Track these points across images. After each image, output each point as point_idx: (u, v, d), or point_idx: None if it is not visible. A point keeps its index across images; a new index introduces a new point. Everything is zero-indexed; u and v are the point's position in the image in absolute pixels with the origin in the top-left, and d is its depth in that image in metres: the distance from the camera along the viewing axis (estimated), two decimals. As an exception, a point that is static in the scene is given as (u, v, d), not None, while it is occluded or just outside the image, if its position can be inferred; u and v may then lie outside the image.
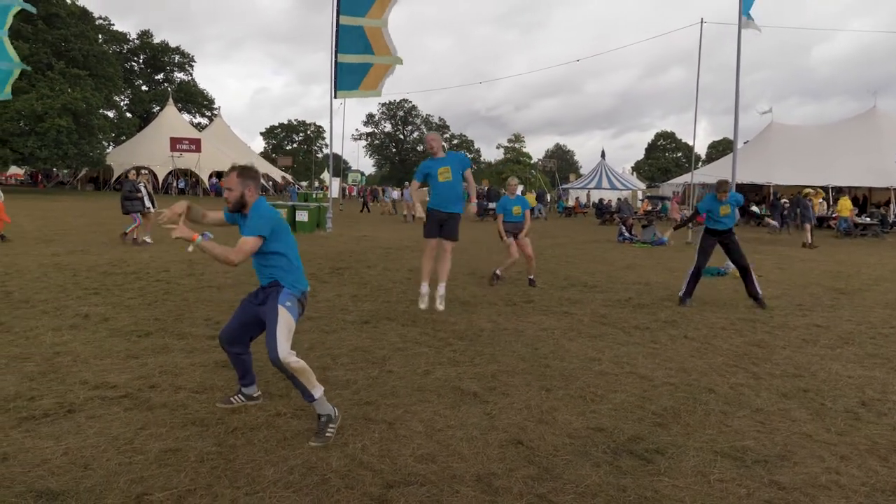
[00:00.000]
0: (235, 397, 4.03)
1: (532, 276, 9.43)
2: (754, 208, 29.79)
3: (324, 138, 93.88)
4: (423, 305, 6.86)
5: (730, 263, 10.97)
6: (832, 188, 28.83)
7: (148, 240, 13.55)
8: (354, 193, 59.31)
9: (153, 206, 14.04)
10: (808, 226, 18.54)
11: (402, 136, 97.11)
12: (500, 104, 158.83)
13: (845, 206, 23.23)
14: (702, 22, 17.93)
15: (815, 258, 14.55)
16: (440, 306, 6.86)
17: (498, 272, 9.48)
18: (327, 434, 3.52)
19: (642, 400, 4.30)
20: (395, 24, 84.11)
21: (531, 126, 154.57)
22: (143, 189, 14.04)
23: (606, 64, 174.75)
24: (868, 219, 23.70)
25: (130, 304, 6.97)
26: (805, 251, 16.41)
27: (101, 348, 5.16)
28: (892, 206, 27.64)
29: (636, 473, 3.18)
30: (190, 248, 3.49)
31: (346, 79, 18.50)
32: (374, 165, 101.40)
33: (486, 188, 34.33)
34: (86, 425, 3.60)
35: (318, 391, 3.59)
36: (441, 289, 6.92)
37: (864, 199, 31.06)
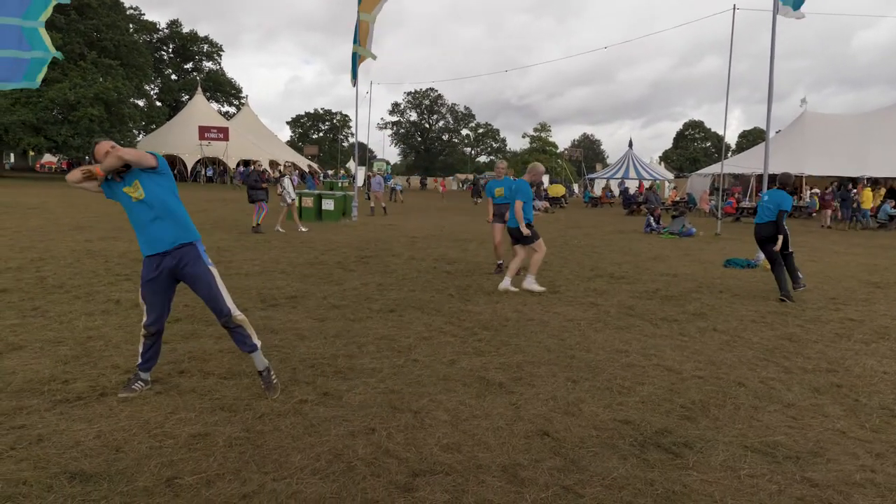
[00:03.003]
0: (137, 384, 3.95)
1: (501, 262, 9.37)
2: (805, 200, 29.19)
3: (350, 127, 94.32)
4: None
5: (760, 255, 10.76)
6: (867, 179, 28.09)
7: (302, 228, 14.68)
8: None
9: (294, 198, 15.13)
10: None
11: (427, 125, 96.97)
12: (532, 93, 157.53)
13: (868, 197, 22.66)
14: (734, 9, 17.50)
15: (850, 251, 14.20)
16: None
17: (501, 262, 9.43)
18: (274, 382, 3.98)
19: (670, 393, 4.24)
20: (426, 11, 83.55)
21: (561, 115, 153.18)
22: (286, 181, 14.84)
23: (640, 52, 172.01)
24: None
25: (160, 291, 7.06)
26: (836, 243, 16.02)
27: (133, 333, 5.25)
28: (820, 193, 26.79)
29: (664, 467, 3.14)
30: (92, 175, 3.77)
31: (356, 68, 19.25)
32: (399, 154, 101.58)
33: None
34: (118, 409, 3.67)
35: (258, 340, 4.01)
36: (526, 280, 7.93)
37: (840, 188, 30.20)
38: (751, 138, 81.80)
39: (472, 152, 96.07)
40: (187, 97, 62.17)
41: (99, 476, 2.87)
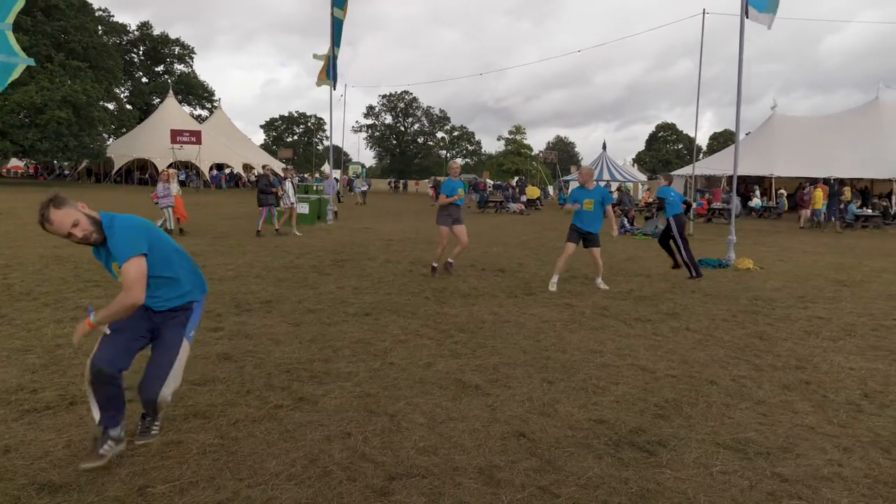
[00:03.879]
0: (106, 445, 3.01)
1: (452, 261, 9.41)
2: (755, 201, 29.80)
3: (324, 130, 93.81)
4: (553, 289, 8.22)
5: (732, 255, 10.96)
6: (834, 180, 28.76)
7: (297, 232, 14.89)
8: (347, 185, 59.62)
9: (295, 202, 15.42)
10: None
11: (402, 128, 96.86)
12: (509, 95, 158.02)
13: (818, 197, 23.23)
14: (704, 13, 17.80)
15: (817, 250, 14.52)
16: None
17: (435, 264, 9.24)
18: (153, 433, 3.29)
19: (644, 392, 4.30)
20: (404, 13, 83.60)
21: (537, 118, 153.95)
22: (288, 185, 15.14)
23: (615, 56, 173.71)
24: (870, 210, 23.64)
25: (132, 297, 6.95)
26: (805, 243, 16.37)
27: (103, 341, 5.15)
28: (894, 198, 27.53)
29: (638, 465, 3.18)
30: (87, 331, 2.93)
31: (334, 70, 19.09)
32: (374, 157, 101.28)
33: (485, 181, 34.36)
34: (87, 417, 3.58)
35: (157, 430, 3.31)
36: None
37: (865, 191, 30.95)
38: (721, 140, 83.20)
39: (448, 155, 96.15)
40: (158, 100, 61.25)
41: (68, 486, 2.81)
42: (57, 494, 2.75)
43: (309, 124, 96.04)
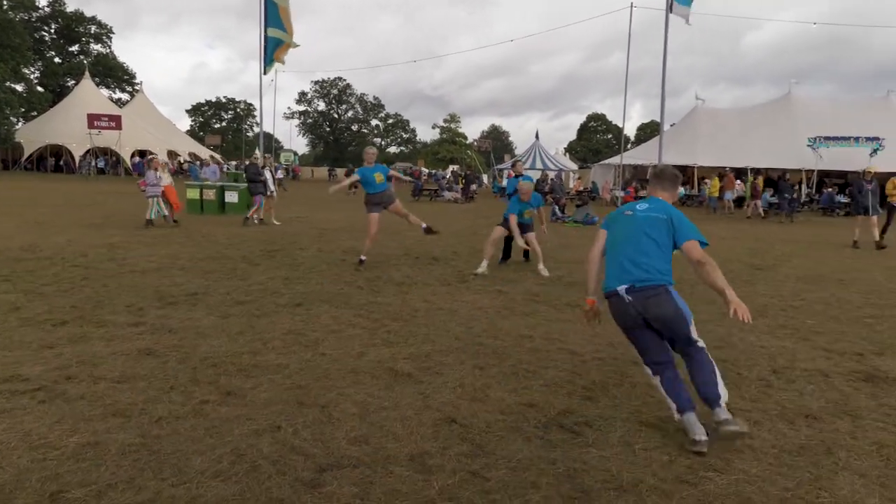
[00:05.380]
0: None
1: (363, 258, 8.91)
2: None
3: (254, 116, 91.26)
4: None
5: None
6: (751, 170, 30.28)
7: (276, 222, 14.63)
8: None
9: (274, 191, 15.29)
10: (873, 218, 13.09)
11: (336, 115, 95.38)
12: (445, 83, 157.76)
13: (715, 186, 24.55)
14: (631, 6, 18.32)
15: (735, 236, 15.27)
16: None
17: (363, 257, 8.90)
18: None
19: (572, 375, 4.41)
20: (343, 1, 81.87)
21: (473, 107, 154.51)
22: (267, 173, 14.94)
23: (550, 46, 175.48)
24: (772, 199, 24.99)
25: (44, 292, 6.59)
26: (724, 229, 17.18)
27: (12, 339, 4.86)
28: (803, 186, 29.23)
29: (566, 446, 3.27)
30: None
31: (272, 53, 18.33)
32: (307, 145, 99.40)
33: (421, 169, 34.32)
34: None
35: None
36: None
37: (779, 180, 32.73)
38: (648, 131, 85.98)
39: (382, 143, 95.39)
40: (74, 82, 57.87)
41: (-27, 494, 2.64)
42: (-40, 503, 2.58)
43: (238, 110, 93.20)
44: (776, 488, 2.86)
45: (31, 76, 57.32)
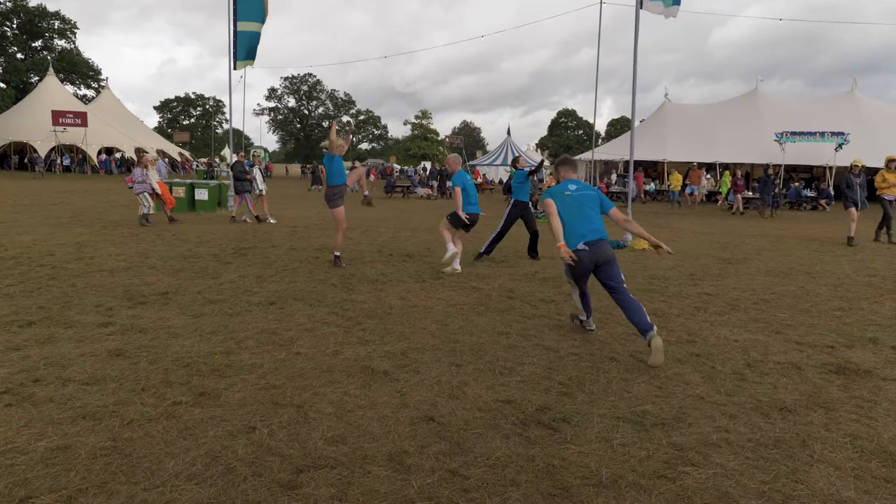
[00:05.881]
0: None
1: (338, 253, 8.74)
2: (651, 185, 31.31)
3: (224, 113, 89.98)
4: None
5: (629, 236, 11.50)
6: (719, 164, 30.78)
7: (272, 220, 14.65)
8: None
9: (264, 189, 15.16)
10: (852, 210, 13.03)
11: (306, 112, 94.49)
12: (417, 80, 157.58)
13: (676, 180, 24.99)
14: (601, 2, 18.45)
15: (706, 230, 15.50)
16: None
17: (338, 253, 8.71)
18: None
19: (549, 371, 4.42)
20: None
21: (446, 103, 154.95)
22: (256, 171, 14.92)
23: (522, 43, 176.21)
24: (750, 193, 25.48)
25: (10, 292, 6.40)
26: (695, 223, 17.42)
27: (-25, 341, 4.71)
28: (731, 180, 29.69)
29: (544, 443, 3.27)
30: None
31: (246, 49, 17.79)
32: (278, 142, 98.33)
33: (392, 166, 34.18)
34: None
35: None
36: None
37: (746, 175, 33.33)
38: (619, 126, 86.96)
39: (354, 139, 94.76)
40: (37, 79, 56.37)
41: (-66, 504, 2.55)
42: (-79, 513, 2.48)
43: (207, 107, 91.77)
44: (753, 482, 2.89)
45: (-8, 72, 55.71)
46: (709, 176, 30.96)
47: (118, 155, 47.95)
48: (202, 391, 3.86)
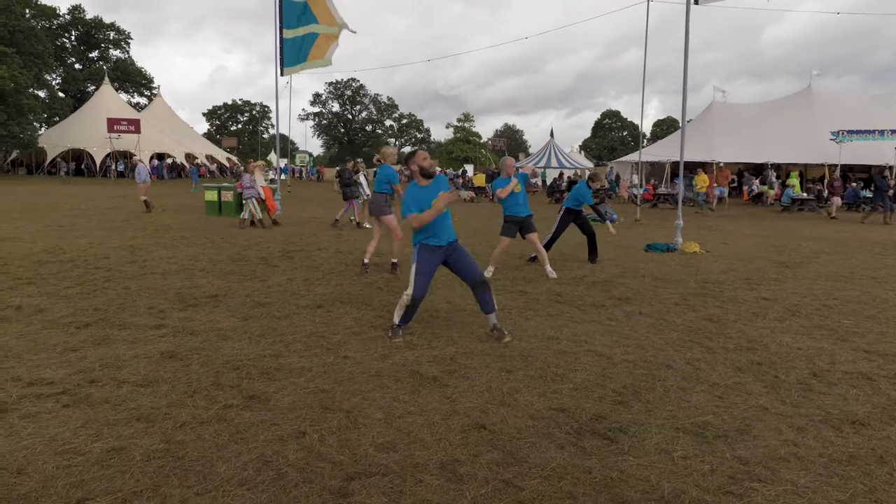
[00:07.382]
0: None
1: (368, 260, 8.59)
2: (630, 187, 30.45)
3: (269, 118, 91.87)
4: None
5: (679, 239, 11.18)
6: (771, 165, 29.80)
7: (367, 225, 14.49)
8: (302, 174, 58.34)
9: (368, 194, 14.96)
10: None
11: (350, 116, 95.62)
12: (462, 83, 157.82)
13: (702, 181, 24.03)
14: (648, 1, 18.05)
15: (758, 234, 14.99)
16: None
17: (395, 259, 8.59)
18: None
19: (602, 378, 4.29)
20: (357, 2, 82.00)
21: (489, 106, 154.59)
22: (361, 177, 15.10)
23: (567, 44, 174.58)
24: (805, 194, 24.59)
25: (68, 294, 6.59)
26: (746, 226, 16.87)
27: (36, 342, 4.84)
28: (826, 181, 28.70)
29: (601, 454, 3.15)
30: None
31: (293, 54, 18.01)
32: (322, 146, 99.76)
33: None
34: (19, 426, 3.35)
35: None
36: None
37: (801, 175, 32.19)
38: (664, 127, 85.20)
39: (396, 143, 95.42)
40: (94, 88, 58.60)
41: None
42: (-17, 513, 2.52)
43: (254, 112, 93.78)
44: (828, 500, 2.71)
45: (53, 82, 58.06)
46: (756, 181, 30.03)
47: (169, 160, 49.35)
48: (252, 394, 3.86)
